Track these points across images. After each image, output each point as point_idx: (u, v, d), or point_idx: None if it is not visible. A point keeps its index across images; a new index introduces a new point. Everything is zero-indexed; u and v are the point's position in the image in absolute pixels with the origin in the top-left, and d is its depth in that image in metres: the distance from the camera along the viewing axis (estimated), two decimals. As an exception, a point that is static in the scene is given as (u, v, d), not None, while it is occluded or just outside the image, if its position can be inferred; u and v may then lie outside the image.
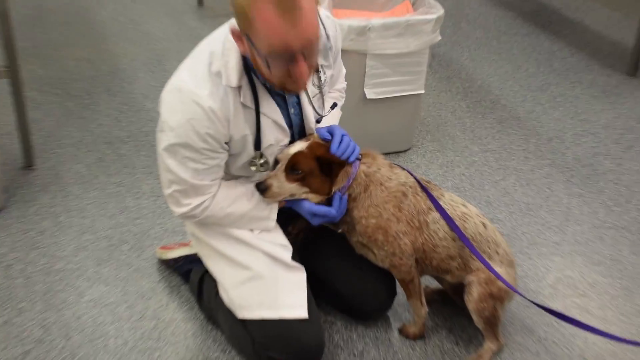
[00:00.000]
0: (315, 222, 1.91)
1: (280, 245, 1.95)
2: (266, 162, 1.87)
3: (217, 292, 2.00)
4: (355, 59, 2.67)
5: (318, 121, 1.98)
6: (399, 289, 2.08)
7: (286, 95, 1.86)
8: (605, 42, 4.03)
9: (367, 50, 2.67)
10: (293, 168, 1.84)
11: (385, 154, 1.97)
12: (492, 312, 1.96)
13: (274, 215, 1.93)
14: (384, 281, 2.09)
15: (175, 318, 2.15)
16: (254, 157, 1.86)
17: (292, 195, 1.87)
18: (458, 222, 1.92)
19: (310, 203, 1.89)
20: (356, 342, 2.09)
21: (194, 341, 2.07)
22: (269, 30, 1.59)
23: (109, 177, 2.76)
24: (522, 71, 3.70)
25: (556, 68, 3.74)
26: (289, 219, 2.03)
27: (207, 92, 1.72)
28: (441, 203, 1.93)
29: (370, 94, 2.76)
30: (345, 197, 1.90)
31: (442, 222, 1.91)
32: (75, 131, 3.04)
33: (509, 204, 2.70)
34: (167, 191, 1.86)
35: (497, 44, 3.99)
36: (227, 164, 1.87)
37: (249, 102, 1.78)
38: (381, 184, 1.90)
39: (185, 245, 2.27)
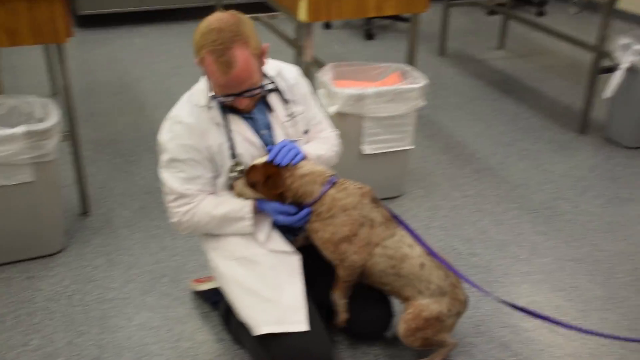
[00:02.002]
0: (278, 219, 1.92)
1: (283, 252, 1.96)
2: (243, 170, 1.94)
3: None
4: (353, 120, 2.72)
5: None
6: (397, 311, 2.08)
7: (254, 112, 1.96)
8: (559, 105, 4.08)
9: (364, 114, 2.71)
10: (247, 178, 1.90)
11: (381, 199, 1.97)
12: (422, 342, 1.94)
13: (249, 215, 1.91)
14: (382, 308, 2.09)
15: (208, 339, 2.15)
16: (233, 165, 1.93)
17: (250, 197, 1.91)
18: (396, 263, 1.89)
19: (277, 204, 1.91)
20: (360, 358, 2.09)
21: (224, 359, 2.07)
22: (212, 78, 1.81)
23: (151, 221, 2.78)
24: (492, 129, 3.74)
25: (521, 127, 3.77)
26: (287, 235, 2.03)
27: (186, 112, 1.90)
28: (389, 241, 1.89)
29: (367, 149, 2.79)
30: (309, 210, 1.89)
31: (384, 259, 1.89)
32: (122, 183, 3.07)
33: (485, 240, 2.72)
34: (166, 204, 1.96)
35: (471, 107, 4.03)
36: (216, 184, 1.95)
37: (219, 119, 1.91)
38: (345, 210, 1.86)
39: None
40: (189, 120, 1.88)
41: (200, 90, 1.94)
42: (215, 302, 2.24)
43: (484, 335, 2.20)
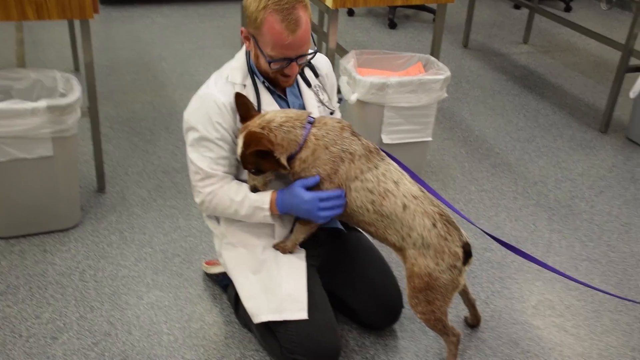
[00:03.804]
0: (306, 201, 1.81)
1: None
2: None
3: None
4: (374, 109, 2.71)
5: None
6: (405, 303, 2.08)
7: (287, 95, 1.94)
8: (581, 103, 4.03)
9: (385, 103, 2.69)
10: (246, 169, 1.83)
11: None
12: (426, 307, 1.84)
13: (267, 205, 1.86)
14: (392, 298, 2.09)
15: (218, 321, 2.17)
16: None
17: (270, 179, 1.85)
18: (376, 198, 1.79)
19: (300, 180, 1.82)
20: (369, 348, 2.10)
21: (233, 341, 2.09)
22: (274, 39, 1.74)
23: (165, 201, 2.80)
24: (512, 125, 3.71)
25: (541, 123, 3.74)
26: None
27: (218, 90, 1.85)
28: (369, 174, 1.80)
29: (386, 139, 2.78)
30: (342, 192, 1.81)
31: (362, 193, 1.79)
32: (139, 162, 3.08)
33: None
34: (192, 183, 1.92)
35: (492, 101, 4.00)
36: (238, 168, 1.93)
37: (252, 99, 1.87)
38: (326, 147, 1.79)
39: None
40: (221, 98, 1.83)
41: (236, 67, 1.89)
42: (225, 285, 2.25)
43: (493, 331, 2.20)
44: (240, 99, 1.81)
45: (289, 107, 1.95)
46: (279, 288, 1.90)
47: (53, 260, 2.40)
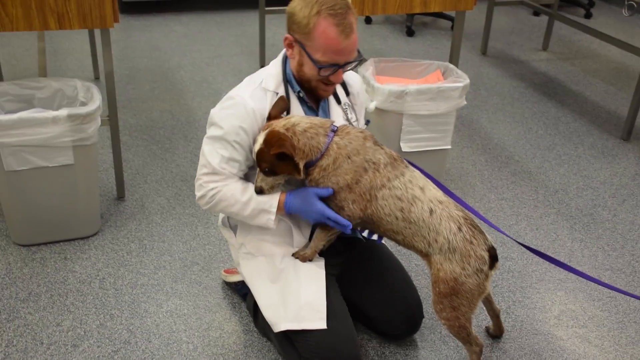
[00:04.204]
0: (319, 211, 1.81)
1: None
2: None
3: None
4: (393, 117, 2.70)
5: None
6: (426, 312, 2.06)
7: (320, 107, 1.93)
8: (602, 111, 3.99)
9: (404, 111, 2.68)
10: (260, 167, 1.79)
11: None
12: (451, 312, 1.82)
13: (274, 209, 1.85)
14: (412, 308, 2.07)
15: (237, 330, 2.16)
16: None
17: (279, 182, 1.82)
18: (405, 205, 1.78)
19: (314, 188, 1.81)
20: (388, 358, 2.08)
21: (252, 350, 2.08)
22: (327, 44, 1.74)
23: (185, 209, 2.80)
24: (532, 132, 3.68)
25: (561, 131, 3.71)
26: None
27: (249, 94, 1.84)
28: (396, 182, 1.79)
29: (405, 147, 2.76)
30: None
31: (390, 201, 1.78)
32: (158, 170, 3.10)
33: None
34: (198, 175, 1.90)
35: (511, 108, 3.97)
36: (246, 174, 1.91)
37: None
38: (349, 157, 1.77)
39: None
40: (250, 103, 1.82)
41: (272, 74, 1.88)
42: (244, 294, 2.25)
43: (515, 341, 2.17)
44: (282, 102, 1.82)
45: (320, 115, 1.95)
46: (297, 297, 1.89)
47: (73, 268, 2.41)
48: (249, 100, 1.82)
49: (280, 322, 1.90)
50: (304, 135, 1.76)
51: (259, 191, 1.84)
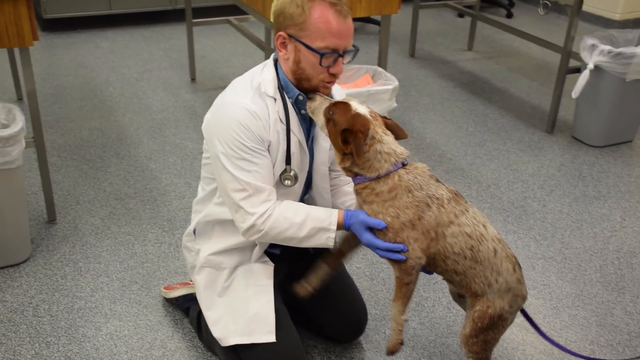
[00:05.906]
0: (363, 238, 1.71)
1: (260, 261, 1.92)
2: (295, 176, 1.81)
3: None
4: (325, 124, 2.71)
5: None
6: (370, 315, 2.08)
7: (311, 125, 1.84)
8: (527, 106, 4.13)
9: (335, 117, 2.69)
10: (330, 109, 1.69)
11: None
12: (482, 346, 1.79)
13: (334, 227, 1.73)
14: (356, 312, 2.08)
15: (180, 347, 2.13)
16: (285, 171, 1.78)
17: (319, 119, 1.71)
18: (475, 243, 1.69)
19: (365, 215, 1.69)
20: (334, 362, 2.10)
21: (197, 366, 2.06)
22: (326, 26, 1.66)
23: (120, 228, 2.74)
24: (462, 130, 3.77)
25: (490, 127, 3.81)
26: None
27: (249, 99, 1.72)
28: (464, 218, 1.69)
29: (339, 152, 2.77)
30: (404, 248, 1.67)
31: (460, 238, 1.68)
32: (90, 190, 3.02)
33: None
34: (235, 202, 1.71)
35: (441, 108, 4.06)
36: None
37: (282, 115, 1.75)
38: (409, 191, 1.66)
39: (185, 284, 2.25)
40: (253, 107, 1.69)
41: (268, 79, 1.75)
42: (187, 308, 2.22)
43: (456, 335, 2.21)
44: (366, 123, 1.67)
45: (310, 127, 1.86)
46: (246, 309, 1.87)
47: (4, 298, 2.32)
48: (249, 104, 1.71)
49: (229, 336, 1.88)
50: (376, 154, 1.66)
51: (310, 97, 1.73)
